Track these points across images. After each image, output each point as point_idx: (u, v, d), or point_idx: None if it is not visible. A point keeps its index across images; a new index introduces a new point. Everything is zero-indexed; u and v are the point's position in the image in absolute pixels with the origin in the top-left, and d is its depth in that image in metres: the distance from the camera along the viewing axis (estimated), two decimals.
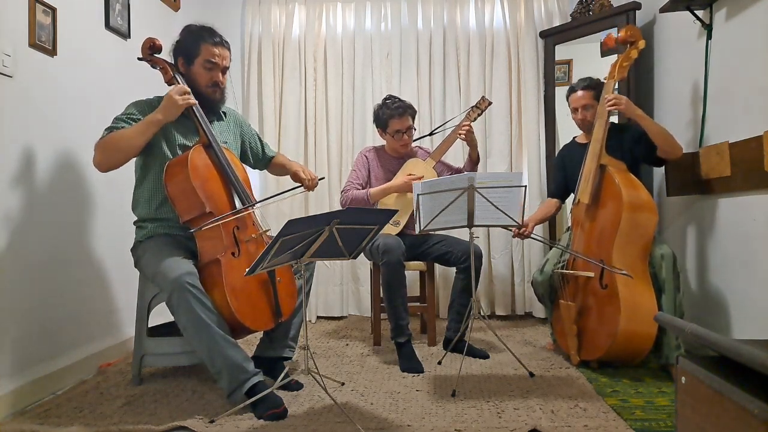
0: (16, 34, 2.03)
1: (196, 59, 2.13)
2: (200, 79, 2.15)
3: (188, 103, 2.04)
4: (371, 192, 2.77)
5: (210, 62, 2.14)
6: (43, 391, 2.11)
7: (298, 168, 2.42)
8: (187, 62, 2.15)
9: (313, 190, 2.41)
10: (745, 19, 2.24)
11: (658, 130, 2.37)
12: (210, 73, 2.15)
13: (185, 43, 2.15)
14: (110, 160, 2.02)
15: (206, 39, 2.13)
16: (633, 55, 2.49)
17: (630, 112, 2.40)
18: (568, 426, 1.75)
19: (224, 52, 2.18)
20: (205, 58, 2.13)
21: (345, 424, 1.80)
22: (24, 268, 2.05)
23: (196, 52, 2.13)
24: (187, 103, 2.03)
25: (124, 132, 1.99)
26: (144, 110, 2.08)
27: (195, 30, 2.16)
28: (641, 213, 2.27)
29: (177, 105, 2.01)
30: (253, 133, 2.49)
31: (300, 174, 2.37)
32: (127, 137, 1.98)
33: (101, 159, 2.01)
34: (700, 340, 1.18)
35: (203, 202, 1.99)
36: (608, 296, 2.26)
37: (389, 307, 2.58)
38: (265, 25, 3.67)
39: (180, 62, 2.16)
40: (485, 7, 3.65)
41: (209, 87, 2.17)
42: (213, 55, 2.14)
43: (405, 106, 2.80)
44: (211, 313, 1.88)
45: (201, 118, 2.09)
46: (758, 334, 2.11)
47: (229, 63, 2.22)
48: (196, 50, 2.13)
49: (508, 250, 3.56)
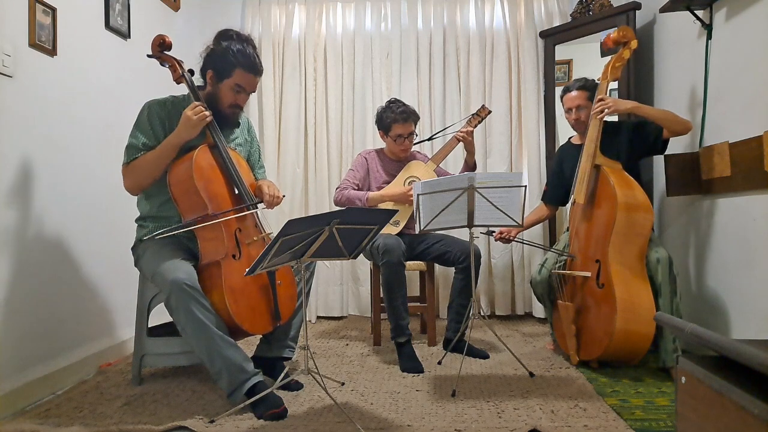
0: (16, 34, 2.03)
1: (226, 80, 2.09)
2: (224, 98, 2.12)
3: (205, 121, 2.01)
4: (369, 196, 2.77)
5: (239, 87, 2.11)
6: (43, 391, 2.11)
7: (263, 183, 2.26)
8: (217, 78, 2.10)
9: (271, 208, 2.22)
10: (745, 19, 2.24)
11: (658, 113, 2.39)
12: (236, 96, 2.12)
13: (222, 59, 2.07)
14: (140, 185, 2.09)
15: (244, 65, 2.07)
16: (626, 56, 2.50)
17: (622, 109, 2.41)
18: (568, 426, 1.75)
19: (256, 80, 2.15)
20: (236, 82, 2.09)
21: (345, 424, 1.80)
22: (24, 267, 2.05)
23: (228, 74, 2.08)
24: (203, 122, 2.01)
25: (147, 158, 2.02)
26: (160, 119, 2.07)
27: (235, 47, 2.07)
28: (637, 213, 2.28)
29: (194, 125, 1.99)
30: (257, 148, 2.46)
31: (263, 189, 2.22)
32: (149, 164, 2.02)
33: (131, 185, 2.08)
34: (700, 340, 1.18)
35: (206, 203, 1.98)
36: (605, 296, 2.26)
37: (389, 307, 2.58)
38: (265, 25, 3.67)
39: (209, 75, 2.12)
40: (485, 7, 3.65)
41: (230, 107, 2.14)
42: (245, 82, 2.10)
43: (409, 111, 2.81)
44: (210, 313, 1.88)
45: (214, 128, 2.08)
46: (758, 334, 2.11)
47: (256, 88, 2.20)
48: (229, 72, 2.08)
49: (508, 250, 3.56)
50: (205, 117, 2.00)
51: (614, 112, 2.44)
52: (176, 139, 2.00)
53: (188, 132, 2.00)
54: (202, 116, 2.00)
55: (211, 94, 2.12)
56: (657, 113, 2.39)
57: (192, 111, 1.99)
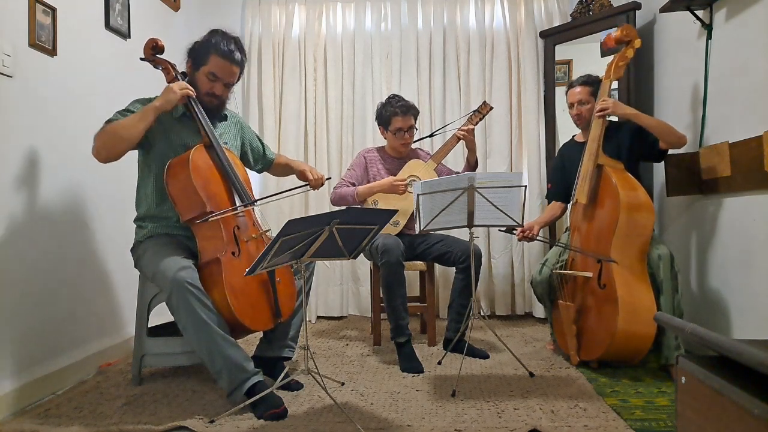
0: (16, 34, 2.03)
1: (202, 67, 2.14)
2: (201, 85, 2.16)
3: (186, 92, 2.05)
4: (358, 190, 2.79)
5: (213, 74, 2.14)
6: (43, 391, 2.11)
7: (305, 168, 2.43)
8: (194, 66, 2.16)
9: (318, 189, 2.40)
10: (745, 19, 2.24)
11: (655, 123, 2.38)
12: (210, 83, 2.16)
13: (200, 47, 2.15)
14: (109, 149, 2.01)
15: (218, 51, 2.12)
16: (629, 55, 2.49)
17: (620, 113, 2.40)
18: (568, 426, 1.76)
19: (232, 69, 2.17)
20: (210, 70, 2.13)
21: (345, 424, 1.80)
22: (24, 268, 2.05)
23: (204, 61, 2.14)
24: (185, 93, 2.04)
25: (122, 120, 2.01)
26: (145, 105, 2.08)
27: (215, 39, 2.13)
28: (639, 213, 2.27)
29: (175, 93, 2.02)
30: (254, 135, 2.50)
31: (307, 174, 2.38)
32: (124, 125, 1.99)
33: (99, 146, 2.01)
34: (700, 340, 1.18)
35: (204, 201, 1.99)
36: (606, 296, 2.26)
37: (389, 307, 2.58)
38: (265, 25, 3.67)
39: (188, 63, 2.18)
40: (485, 7, 3.65)
41: (206, 95, 2.17)
42: (218, 69, 2.14)
43: (408, 105, 2.83)
44: (211, 312, 1.88)
45: (202, 116, 2.10)
46: (758, 334, 2.11)
47: (235, 80, 2.22)
48: (205, 59, 2.13)
49: (508, 250, 3.57)
50: (189, 92, 2.05)
51: (613, 114, 2.44)
52: (154, 104, 2.01)
53: (167, 97, 2.02)
54: (185, 92, 2.04)
55: (189, 82, 2.15)
56: (654, 123, 2.38)
57: (176, 84, 2.04)
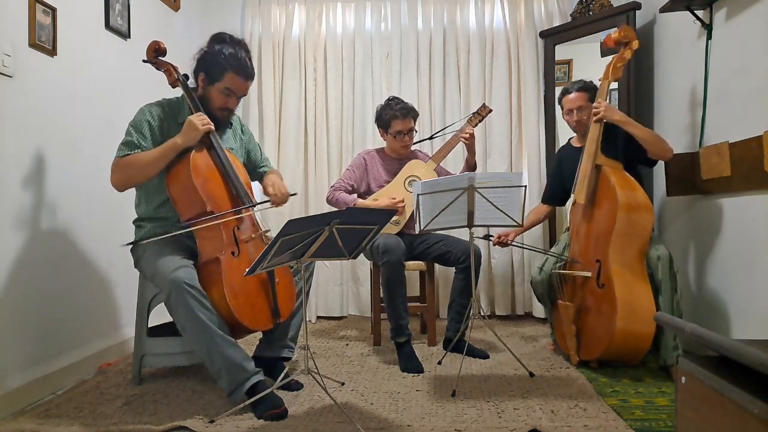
0: (16, 34, 2.03)
1: (217, 83, 2.13)
2: (215, 101, 2.15)
3: (208, 128, 2.05)
4: (357, 203, 2.80)
5: (230, 90, 2.14)
6: (43, 391, 2.11)
7: (267, 182, 2.34)
8: (209, 81, 2.14)
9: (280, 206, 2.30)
10: (745, 19, 2.24)
11: (644, 134, 2.36)
12: (225, 99, 2.16)
13: (213, 63, 2.11)
14: (130, 183, 2.07)
15: (234, 70, 2.10)
16: (627, 56, 2.49)
17: (610, 119, 2.38)
18: (568, 426, 1.76)
19: (247, 84, 2.17)
20: (226, 86, 2.13)
21: (345, 424, 1.80)
22: (24, 267, 2.05)
23: (219, 77, 2.12)
24: (207, 129, 2.04)
25: (144, 156, 2.01)
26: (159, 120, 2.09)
27: (227, 51, 2.10)
28: (637, 213, 2.27)
29: (197, 130, 2.02)
30: (255, 144, 2.49)
31: (267, 189, 2.30)
32: (147, 163, 2.00)
33: (122, 180, 2.04)
34: (700, 340, 1.18)
35: (204, 201, 1.99)
36: (605, 296, 2.26)
37: (389, 307, 2.58)
38: (265, 25, 3.67)
39: (201, 77, 2.16)
40: (485, 7, 3.65)
41: (220, 110, 2.17)
42: (235, 86, 2.13)
43: (408, 108, 2.83)
44: (210, 312, 1.88)
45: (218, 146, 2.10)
46: (758, 334, 2.11)
47: (247, 92, 2.22)
48: (220, 76, 2.11)
49: (508, 250, 3.56)
50: (210, 127, 2.05)
51: (603, 119, 2.42)
52: (176, 141, 2.01)
53: (190, 137, 2.02)
54: (207, 128, 2.04)
55: (201, 96, 2.16)
56: (640, 133, 2.36)
57: (198, 119, 2.03)
